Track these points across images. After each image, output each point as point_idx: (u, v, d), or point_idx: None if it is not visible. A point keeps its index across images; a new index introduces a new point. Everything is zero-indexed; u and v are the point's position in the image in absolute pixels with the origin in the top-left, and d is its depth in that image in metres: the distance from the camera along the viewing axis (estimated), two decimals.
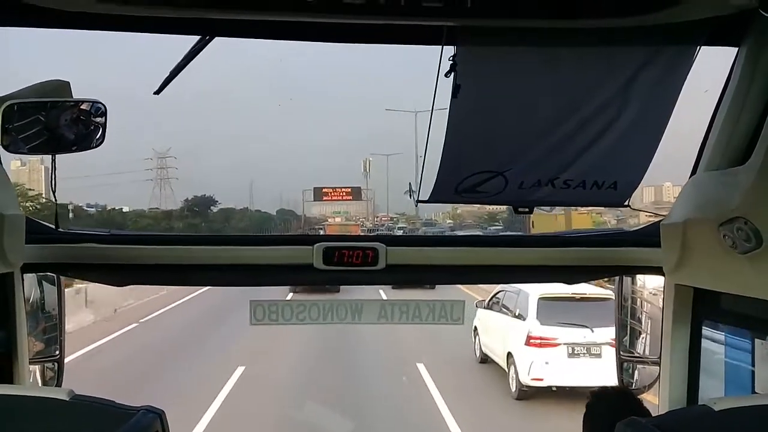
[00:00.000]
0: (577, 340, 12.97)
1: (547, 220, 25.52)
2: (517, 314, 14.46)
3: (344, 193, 65.87)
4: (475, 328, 16.98)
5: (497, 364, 15.32)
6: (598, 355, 12.73)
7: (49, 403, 1.97)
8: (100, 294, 21.42)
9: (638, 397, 3.22)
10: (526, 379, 13.31)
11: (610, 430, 2.05)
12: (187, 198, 63.51)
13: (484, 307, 16.51)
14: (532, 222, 25.22)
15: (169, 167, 67.37)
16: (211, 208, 64.18)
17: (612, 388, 3.14)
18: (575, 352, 12.98)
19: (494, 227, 47.59)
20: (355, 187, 66.98)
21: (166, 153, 66.11)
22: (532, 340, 13.36)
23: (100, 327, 21.48)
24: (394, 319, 3.69)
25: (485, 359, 16.41)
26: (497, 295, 16.09)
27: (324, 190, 65.18)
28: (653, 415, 2.71)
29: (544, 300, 13.60)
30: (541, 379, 13.18)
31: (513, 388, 13.92)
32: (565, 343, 12.99)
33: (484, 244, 3.66)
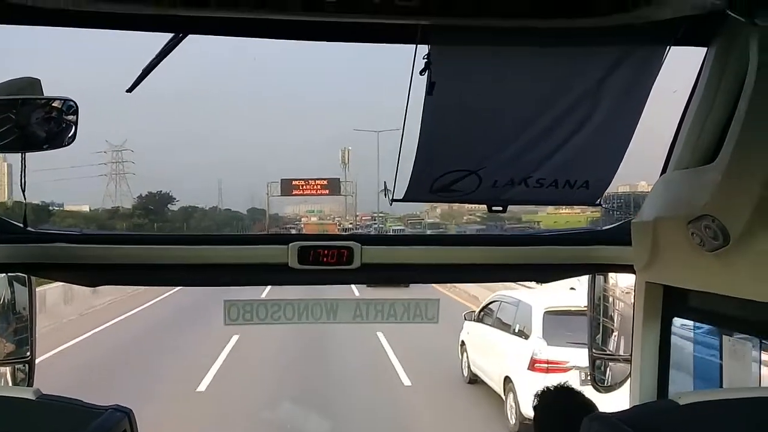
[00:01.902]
0: None
1: None
2: (516, 330, 12.29)
3: (318, 187, 56.88)
4: (463, 342, 14.81)
5: (489, 386, 13.20)
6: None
7: (15, 403, 1.95)
8: None
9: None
10: (531, 412, 10.91)
11: (563, 427, 2.08)
12: (141, 194, 59.09)
13: (474, 319, 14.37)
14: None
15: (125, 161, 62.47)
16: (169, 206, 59.03)
17: (555, 386, 3.19)
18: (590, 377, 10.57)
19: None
20: (333, 178, 58.03)
21: (122, 146, 61.08)
22: (537, 364, 11.08)
23: None
24: (369, 318, 3.70)
25: (474, 379, 14.17)
26: (490, 306, 14.06)
27: (294, 182, 55.71)
28: (596, 406, 2.76)
29: (550, 314, 11.46)
30: None
31: (512, 420, 11.64)
32: (577, 367, 10.25)
33: (458, 243, 3.68)
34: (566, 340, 10.68)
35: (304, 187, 56.08)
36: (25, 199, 3.28)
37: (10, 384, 3.52)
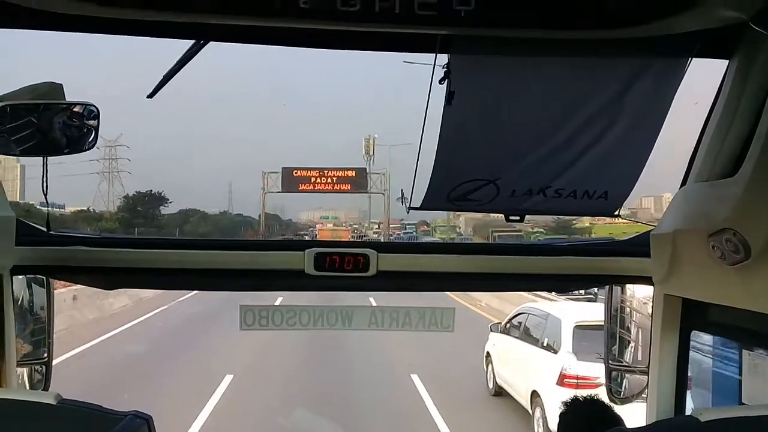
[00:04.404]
0: None
1: None
2: (545, 344, 12.00)
3: (335, 179, 42.84)
4: (488, 354, 14.59)
5: (515, 399, 12.96)
6: None
7: (35, 408, 1.95)
8: None
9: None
10: None
11: None
12: (128, 195, 53.45)
13: (501, 331, 14.18)
14: None
15: (120, 158, 56.69)
16: (162, 209, 52.97)
17: (584, 397, 3.19)
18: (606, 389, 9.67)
19: None
20: (359, 168, 44.20)
21: (116, 141, 54.78)
22: (566, 380, 10.75)
23: None
24: (384, 325, 3.70)
25: (500, 392, 13.93)
26: (517, 318, 13.80)
27: (299, 173, 41.57)
28: (623, 421, 2.74)
29: (581, 329, 11.05)
30: None
31: None
32: None
33: (475, 252, 3.66)
34: (596, 354, 9.67)
35: (317, 179, 42.17)
36: (47, 201, 3.32)
37: (27, 385, 3.55)
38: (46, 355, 3.64)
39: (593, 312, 11.03)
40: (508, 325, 14.10)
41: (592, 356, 10.18)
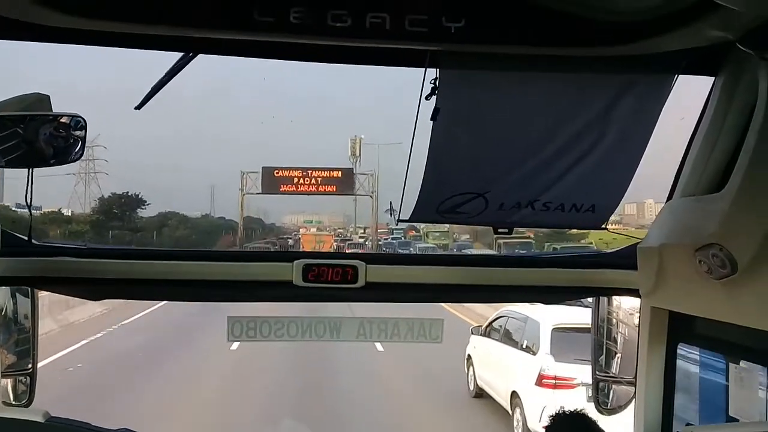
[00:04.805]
0: None
1: None
2: (524, 346, 12.42)
3: (320, 180, 41.60)
4: (469, 356, 14.94)
5: (495, 400, 13.35)
6: None
7: (23, 426, 1.94)
8: None
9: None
10: (537, 427, 10.95)
11: None
12: (103, 196, 51.05)
13: (481, 334, 14.58)
14: None
15: (97, 159, 53.62)
16: (138, 211, 50.68)
17: (570, 411, 3.20)
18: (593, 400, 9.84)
19: None
20: (345, 169, 43.24)
21: (93, 141, 49.17)
22: (544, 380, 11.21)
23: None
24: (373, 336, 3.69)
25: (480, 393, 14.36)
26: (498, 321, 14.17)
27: (280, 173, 40.21)
28: None
29: (558, 331, 11.55)
30: None
31: None
32: (584, 384, 9.95)
33: (463, 264, 3.67)
34: (574, 356, 10.62)
35: (300, 180, 41.02)
36: (30, 213, 3.27)
37: (11, 396, 3.51)
38: (30, 366, 3.59)
39: (570, 315, 11.42)
40: (488, 328, 14.43)
41: (570, 357, 10.80)
